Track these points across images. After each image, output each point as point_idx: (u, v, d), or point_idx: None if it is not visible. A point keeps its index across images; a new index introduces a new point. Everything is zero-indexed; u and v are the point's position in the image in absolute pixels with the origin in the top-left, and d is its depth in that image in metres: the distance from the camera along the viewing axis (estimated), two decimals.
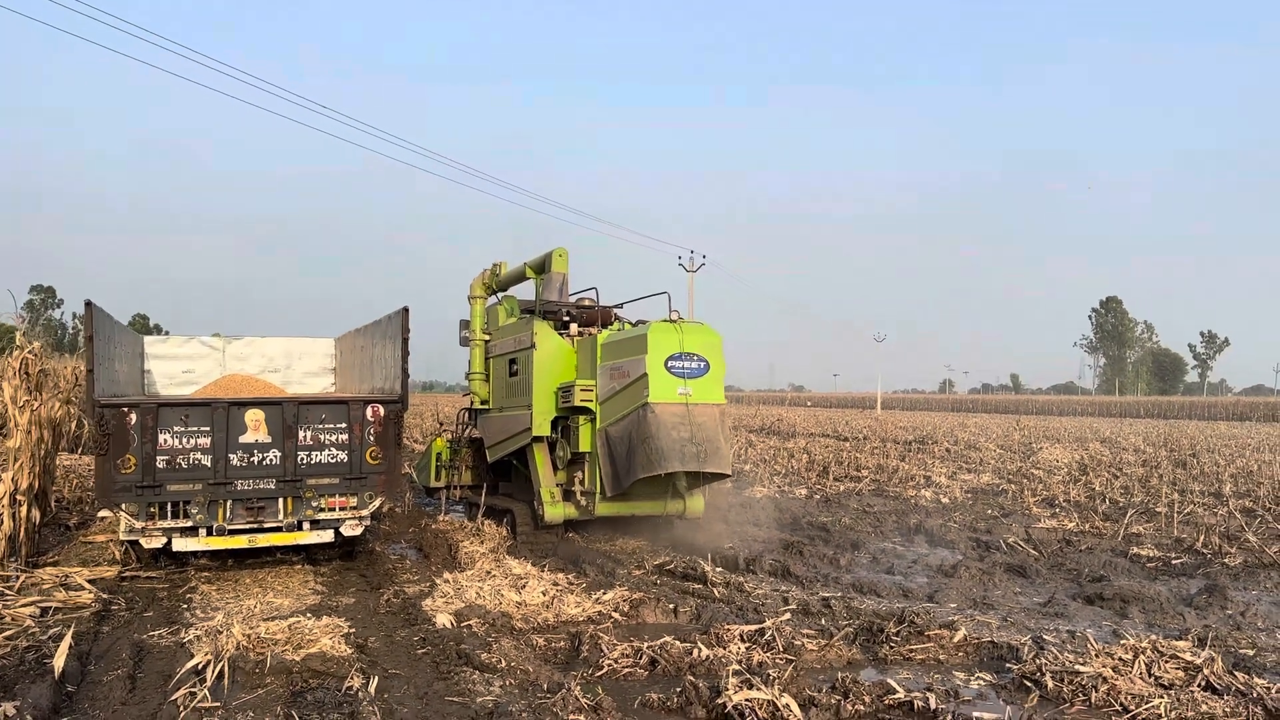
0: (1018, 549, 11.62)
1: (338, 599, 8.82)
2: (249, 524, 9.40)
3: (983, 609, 8.69)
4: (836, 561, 10.79)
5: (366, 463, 9.75)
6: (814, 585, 9.47)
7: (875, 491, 17.20)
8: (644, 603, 8.25)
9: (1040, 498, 16.46)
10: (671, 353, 10.37)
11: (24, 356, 10.77)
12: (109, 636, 7.40)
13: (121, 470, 8.91)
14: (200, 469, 9.18)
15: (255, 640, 6.85)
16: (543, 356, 11.70)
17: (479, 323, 13.50)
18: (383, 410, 9.84)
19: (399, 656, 6.92)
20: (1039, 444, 30.73)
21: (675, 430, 10.17)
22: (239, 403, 9.51)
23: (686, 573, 9.75)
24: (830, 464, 21.62)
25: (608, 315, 13.03)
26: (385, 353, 11.04)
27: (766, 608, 8.35)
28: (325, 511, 9.64)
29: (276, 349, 14.51)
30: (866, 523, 13.42)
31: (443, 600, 8.35)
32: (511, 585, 8.74)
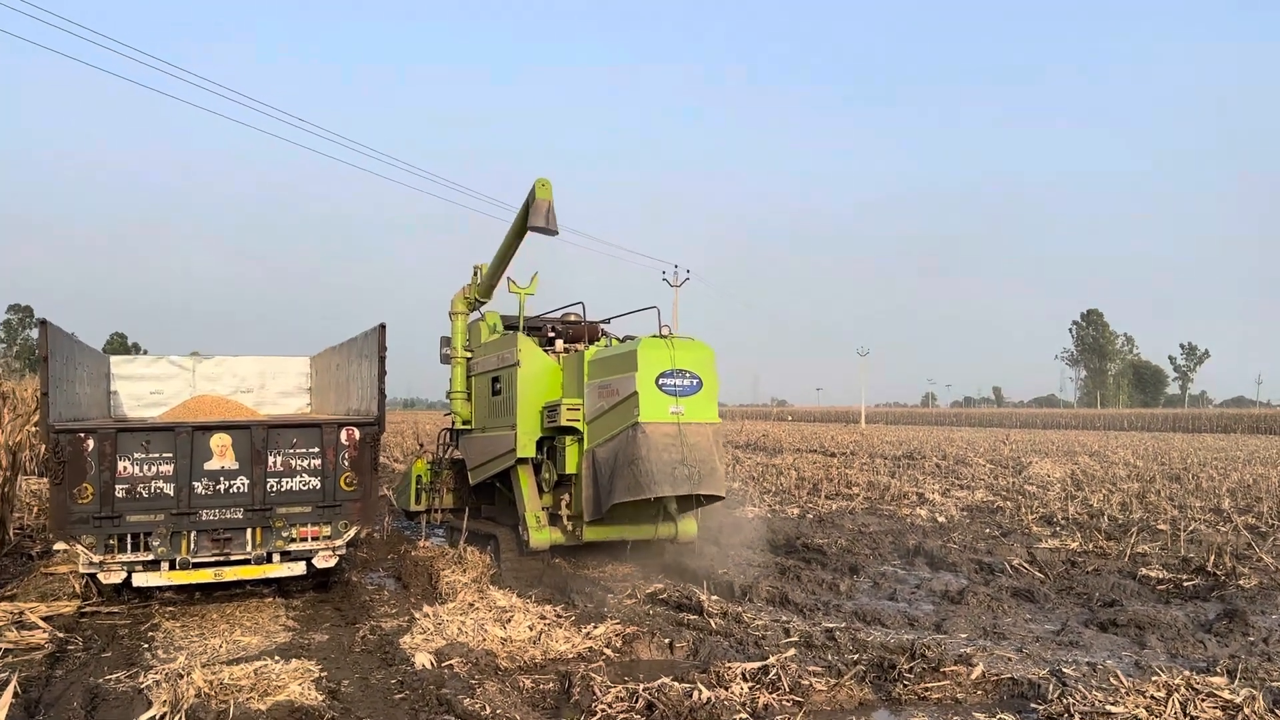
0: (1023, 571, 11.19)
1: (310, 636, 8.27)
2: (215, 556, 8.83)
3: (994, 639, 8.23)
4: (836, 587, 10.32)
5: (341, 489, 9.21)
6: (815, 614, 9.00)
7: (869, 510, 16.77)
8: (637, 637, 7.75)
9: (1038, 515, 16.07)
10: (662, 370, 9.90)
11: None
12: (62, 681, 6.84)
13: (78, 500, 8.34)
14: (162, 498, 8.61)
15: (217, 687, 6.30)
16: (527, 374, 11.21)
17: (460, 339, 13.01)
18: (358, 433, 9.31)
19: (375, 703, 6.39)
20: (1028, 458, 30.41)
21: (667, 451, 9.69)
22: (204, 427, 8.95)
23: (681, 602, 9.25)
24: (821, 481, 21.19)
25: (594, 331, 12.57)
26: (362, 372, 10.51)
27: (767, 640, 7.86)
28: (296, 542, 9.08)
29: (249, 368, 13.94)
30: (864, 544, 12.96)
31: (422, 637, 7.82)
32: (496, 619, 8.21)
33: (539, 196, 11.23)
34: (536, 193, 11.23)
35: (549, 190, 11.22)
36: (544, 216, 11.22)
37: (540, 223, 11.23)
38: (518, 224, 11.73)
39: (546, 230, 11.28)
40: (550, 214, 11.25)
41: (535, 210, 11.24)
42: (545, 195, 11.20)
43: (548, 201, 11.23)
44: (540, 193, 11.22)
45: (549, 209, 11.23)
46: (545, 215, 11.22)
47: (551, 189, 11.26)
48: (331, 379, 12.62)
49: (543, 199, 11.23)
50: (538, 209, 11.24)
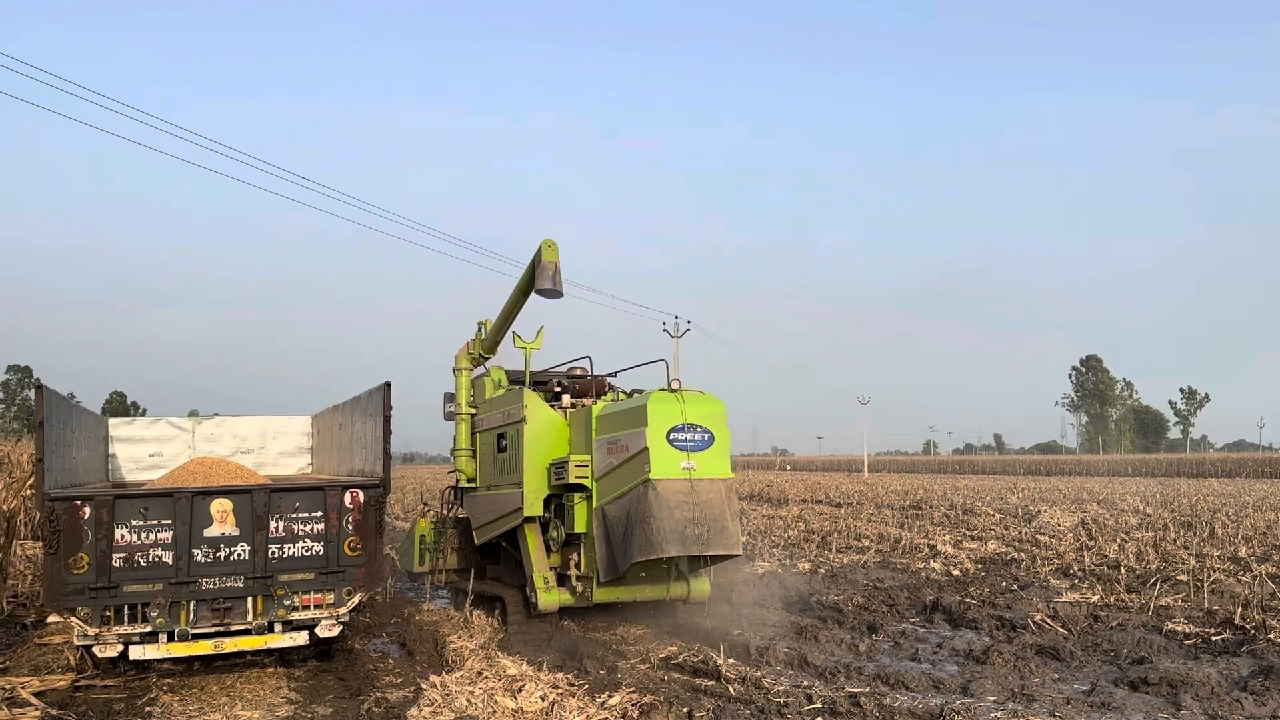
0: (1046, 628, 10.87)
1: (313, 709, 7.96)
2: (214, 627, 8.53)
3: (1024, 702, 7.91)
4: (855, 647, 10.00)
5: (344, 554, 8.94)
6: (836, 677, 8.68)
7: (881, 563, 16.44)
8: (654, 706, 7.43)
9: (1054, 566, 15.74)
10: (673, 424, 9.68)
11: None
12: None
13: (73, 570, 8.07)
14: (161, 567, 8.34)
15: None
16: (534, 430, 10.99)
17: (465, 395, 12.80)
18: (362, 496, 9.06)
19: None
20: (1037, 506, 30.04)
21: (679, 509, 9.44)
22: (204, 492, 8.71)
23: (697, 667, 8.93)
24: (830, 534, 20.86)
25: (602, 385, 12.37)
26: (365, 431, 10.30)
27: (789, 708, 7.55)
28: (299, 610, 8.79)
29: (249, 428, 13.72)
30: (879, 600, 12.64)
31: (429, 709, 7.50)
32: (506, 689, 7.89)
33: (545, 258, 11.06)
34: (543, 254, 11.08)
35: (555, 252, 11.05)
36: (550, 278, 11.02)
37: (546, 284, 11.05)
38: (523, 283, 11.59)
39: (553, 292, 11.10)
40: (556, 275, 11.05)
41: (541, 272, 11.05)
42: (552, 257, 11.02)
43: (554, 263, 11.04)
44: (547, 254, 11.05)
45: (555, 270, 11.02)
46: (551, 277, 11.02)
47: (558, 250, 11.10)
48: (334, 439, 12.39)
49: (549, 260, 11.05)
50: (544, 270, 11.04)
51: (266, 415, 13.91)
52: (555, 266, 11.04)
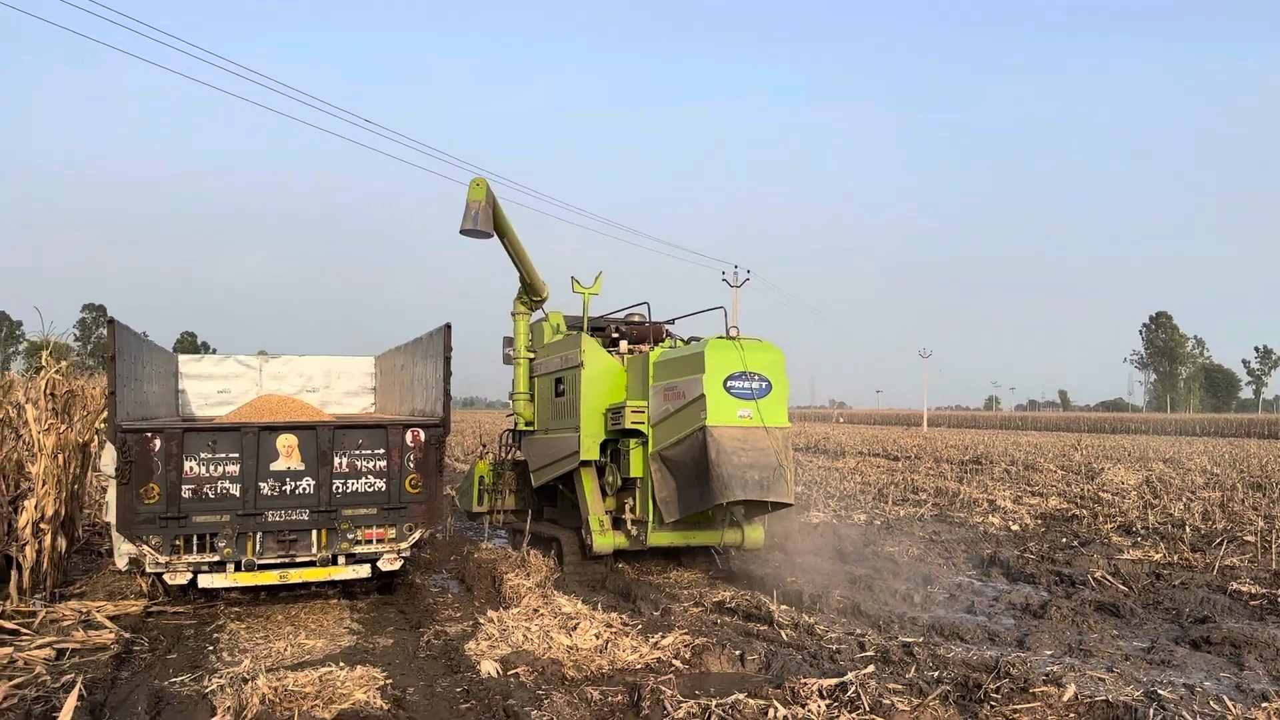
0: (1106, 584, 10.71)
1: (374, 640, 8.17)
2: (280, 558, 8.77)
3: (1082, 657, 7.83)
4: (910, 598, 9.96)
5: (406, 491, 9.10)
6: (890, 627, 8.66)
7: (939, 517, 16.30)
8: (707, 648, 7.49)
9: (1116, 524, 15.47)
10: (731, 372, 9.62)
11: (50, 377, 10.30)
12: (127, 684, 6.79)
13: (144, 500, 8.34)
14: (228, 499, 8.58)
15: (282, 694, 6.20)
16: (591, 376, 11.02)
17: (523, 340, 12.86)
18: (423, 435, 9.20)
19: (440, 713, 6.24)
20: (1100, 464, 29.49)
21: (736, 456, 9.41)
22: (271, 427, 8.90)
23: (750, 611, 8.98)
24: (887, 486, 20.72)
25: (659, 332, 12.34)
26: (426, 372, 10.42)
27: (842, 655, 7.56)
28: (362, 544, 8.99)
29: (315, 368, 13.97)
30: (936, 553, 12.55)
31: (487, 643, 7.66)
32: (561, 626, 8.02)
33: (469, 198, 10.69)
34: (469, 193, 10.72)
35: (480, 190, 10.68)
36: (471, 218, 10.64)
37: (468, 224, 10.67)
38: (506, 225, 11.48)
39: (476, 233, 10.73)
40: (479, 215, 10.61)
41: (465, 212, 10.65)
42: (475, 196, 10.65)
43: (477, 203, 10.64)
44: (471, 193, 10.69)
45: (478, 210, 10.61)
46: (474, 217, 10.63)
47: (485, 189, 10.71)
48: (396, 379, 12.57)
49: (472, 200, 10.66)
50: (466, 211, 10.64)
51: (331, 355, 14.14)
52: (478, 206, 10.65)
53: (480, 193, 10.64)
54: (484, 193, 10.65)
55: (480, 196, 10.63)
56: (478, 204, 10.61)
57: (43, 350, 10.72)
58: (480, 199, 10.62)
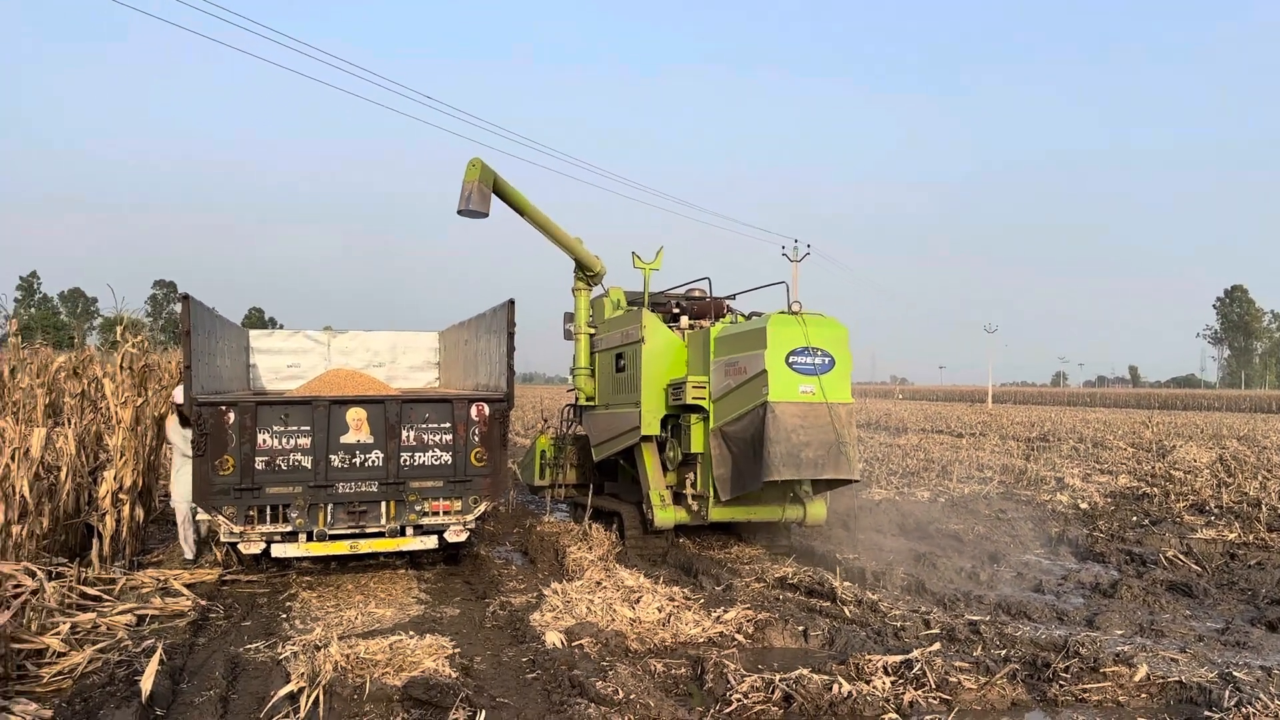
0: (1179, 564, 10.47)
1: (441, 610, 8.32)
2: (350, 529, 8.97)
3: (1154, 637, 7.67)
4: (976, 576, 9.84)
5: (471, 465, 9.24)
6: (955, 605, 8.57)
7: (1004, 495, 16.05)
8: (769, 624, 7.50)
9: (1189, 503, 15.08)
10: (793, 347, 9.56)
11: (126, 351, 10.61)
12: (204, 650, 7.02)
13: (219, 471, 8.57)
14: (300, 471, 8.79)
15: (354, 661, 6.35)
16: (652, 351, 11.01)
17: (583, 315, 12.89)
18: (488, 409, 9.31)
19: (507, 682, 6.33)
20: (1172, 441, 28.77)
21: (796, 433, 9.36)
22: (341, 401, 9.08)
23: (812, 588, 8.95)
24: (951, 463, 20.44)
25: (720, 307, 12.28)
26: (490, 347, 10.53)
27: (907, 632, 7.51)
28: (429, 516, 9.16)
29: (381, 343, 14.20)
30: (1002, 530, 12.38)
31: (551, 615, 7.76)
32: (624, 599, 8.09)
33: (464, 179, 10.65)
34: (465, 174, 10.67)
35: (475, 171, 10.64)
36: (465, 199, 10.61)
37: (461, 205, 10.66)
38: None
39: (470, 213, 10.68)
40: (473, 195, 10.58)
41: (461, 192, 10.62)
42: (469, 177, 10.62)
43: (471, 184, 10.60)
44: (466, 174, 10.65)
45: (471, 190, 10.57)
46: (467, 198, 10.60)
47: (479, 169, 10.66)
48: (459, 354, 12.71)
49: (466, 181, 10.63)
50: (461, 191, 10.62)
51: (397, 331, 14.35)
52: (472, 186, 10.62)
53: (474, 173, 10.66)
54: (478, 172, 10.66)
55: (474, 177, 10.64)
56: (471, 184, 10.62)
57: (118, 326, 11.03)
58: (474, 179, 10.63)
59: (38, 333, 48.51)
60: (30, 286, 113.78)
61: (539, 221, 11.70)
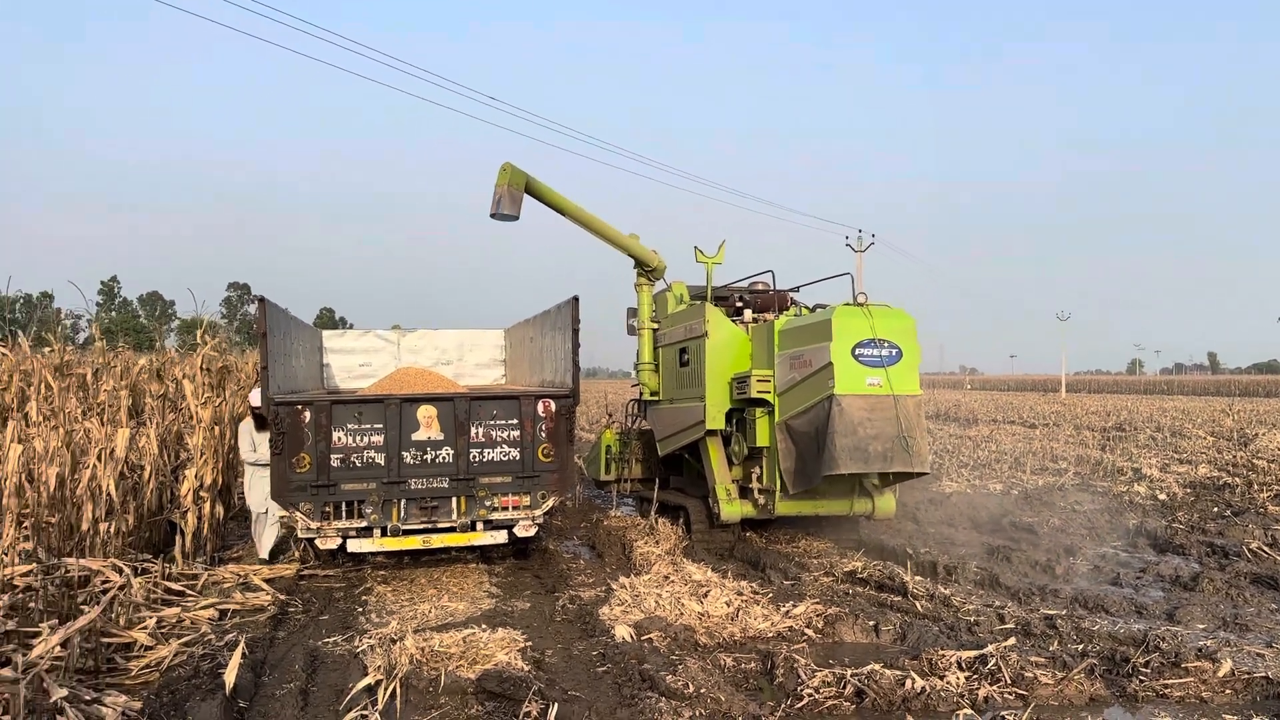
0: (1263, 556, 10.14)
1: (512, 603, 8.43)
2: (423, 524, 9.14)
3: (1237, 631, 7.45)
4: (1051, 570, 9.66)
5: (539, 460, 9.34)
6: (1030, 599, 8.42)
7: (1079, 486, 15.70)
8: (839, 618, 7.46)
9: (1273, 493, 14.60)
10: (860, 339, 9.46)
11: (205, 353, 10.92)
12: (284, 643, 7.21)
13: (296, 469, 8.79)
14: (374, 467, 8.98)
15: (429, 654, 6.47)
16: (715, 345, 10.99)
17: (647, 311, 12.92)
18: (554, 405, 9.40)
19: (578, 675, 6.40)
20: (1254, 429, 27.83)
21: (863, 426, 9.27)
22: (412, 399, 9.26)
23: (883, 582, 8.88)
24: (1024, 455, 20.06)
25: (784, 300, 12.20)
26: (555, 344, 10.62)
27: (981, 627, 7.40)
28: (498, 511, 9.30)
29: (448, 341, 14.42)
30: (1078, 523, 12.11)
31: (620, 609, 7.81)
32: (692, 593, 8.11)
33: (495, 184, 10.85)
34: (496, 179, 10.85)
35: (504, 175, 10.84)
36: (495, 203, 10.83)
37: (492, 210, 10.88)
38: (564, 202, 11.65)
39: (501, 217, 10.89)
40: (503, 200, 10.77)
41: (492, 198, 10.81)
42: (499, 181, 10.84)
43: (500, 188, 10.81)
44: (498, 179, 10.85)
45: (502, 195, 10.77)
46: (496, 202, 10.82)
47: (509, 173, 10.84)
48: (525, 351, 12.84)
49: (496, 185, 10.84)
50: (493, 197, 10.81)
51: (463, 329, 14.55)
52: (501, 191, 10.81)
53: (504, 177, 10.88)
54: (508, 176, 10.88)
55: (504, 181, 10.87)
56: (501, 189, 10.85)
57: (197, 329, 11.36)
58: (503, 183, 10.85)
59: (119, 336, 50.29)
60: (111, 290, 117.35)
61: (583, 220, 11.82)
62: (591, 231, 12.00)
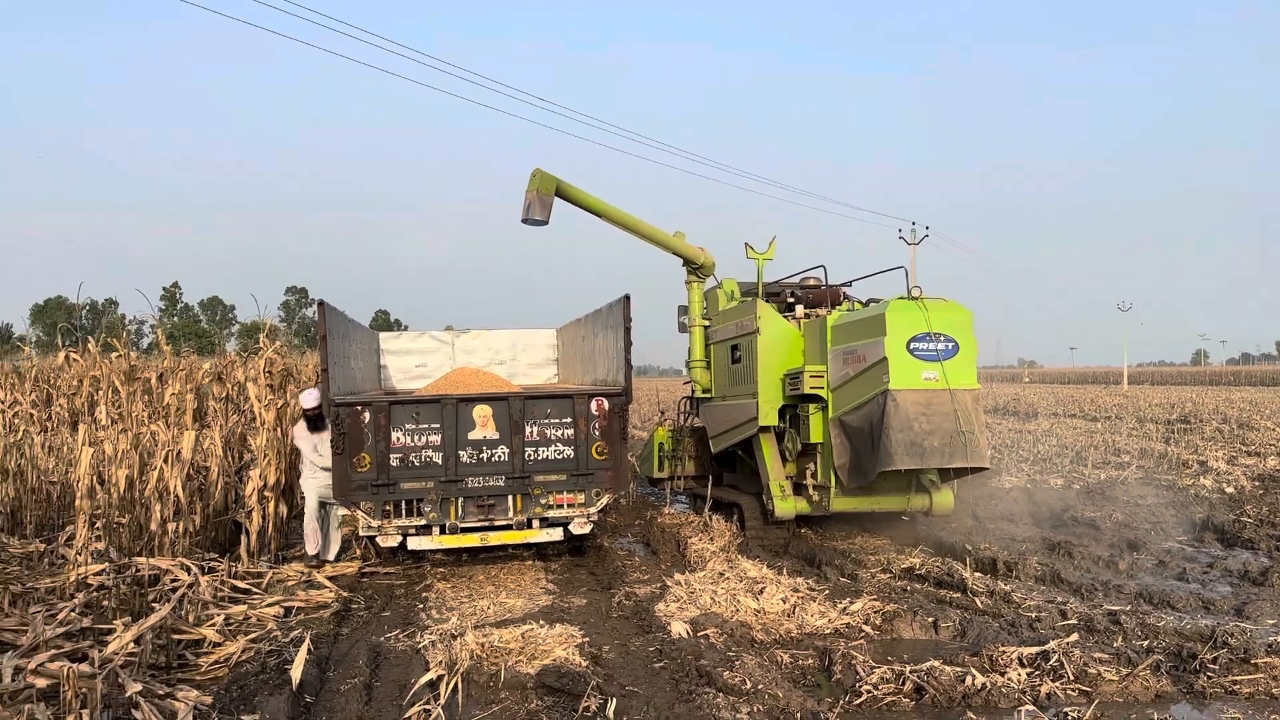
0: None
1: (569, 600, 8.51)
2: (480, 522, 9.26)
3: None
4: (1114, 565, 9.49)
5: (593, 458, 9.41)
6: (1093, 595, 8.29)
7: (1143, 480, 15.37)
8: (898, 615, 7.41)
9: None
10: (915, 333, 9.38)
11: (268, 356, 11.17)
12: (347, 639, 7.35)
13: (357, 469, 8.96)
14: (432, 466, 9.12)
15: (489, 650, 6.56)
16: (767, 341, 10.97)
17: (698, 308, 12.93)
18: (607, 404, 9.46)
19: (635, 671, 6.44)
20: None
21: (919, 421, 9.19)
22: (468, 398, 9.38)
23: (941, 579, 8.79)
24: (1085, 448, 19.69)
25: (836, 295, 12.13)
26: (607, 343, 10.68)
27: (1042, 623, 7.31)
28: (554, 509, 9.39)
29: (502, 341, 14.57)
30: (1142, 517, 11.87)
31: (676, 605, 7.84)
32: (747, 590, 8.11)
33: (526, 190, 11.12)
34: (528, 185, 11.12)
35: (534, 181, 11.09)
36: (525, 209, 11.12)
37: (523, 216, 11.17)
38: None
39: (530, 222, 11.17)
40: (533, 205, 11.03)
41: (523, 204, 11.09)
42: (529, 188, 11.11)
43: (530, 194, 11.08)
44: (529, 184, 11.11)
45: (531, 201, 11.03)
46: (526, 208, 11.10)
47: (539, 178, 11.09)
48: (577, 350, 12.92)
49: (528, 192, 11.11)
50: (524, 203, 11.09)
51: (516, 329, 14.68)
52: (531, 197, 11.09)
53: (534, 183, 11.15)
54: (537, 182, 11.14)
55: (533, 187, 11.15)
56: (530, 195, 11.15)
57: (259, 332, 11.61)
58: (533, 189, 11.14)
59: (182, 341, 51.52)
60: (173, 296, 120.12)
61: (621, 221, 11.94)
62: (632, 232, 12.07)
